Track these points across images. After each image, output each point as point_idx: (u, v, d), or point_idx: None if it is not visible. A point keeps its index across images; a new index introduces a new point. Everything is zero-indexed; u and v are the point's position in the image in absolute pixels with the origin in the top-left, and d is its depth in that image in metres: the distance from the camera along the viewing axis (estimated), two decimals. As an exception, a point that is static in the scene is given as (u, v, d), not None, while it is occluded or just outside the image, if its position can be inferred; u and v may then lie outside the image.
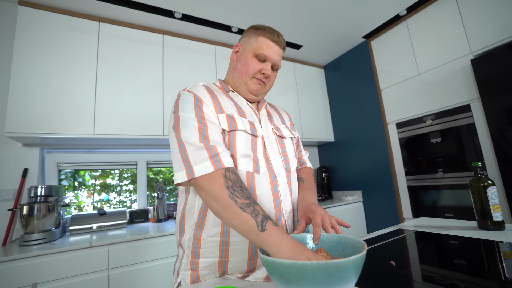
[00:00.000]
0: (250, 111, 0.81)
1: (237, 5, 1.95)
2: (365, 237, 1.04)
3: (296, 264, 0.41)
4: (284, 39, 0.83)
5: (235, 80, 0.83)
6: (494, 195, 0.94)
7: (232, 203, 0.57)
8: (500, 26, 1.64)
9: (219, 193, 0.59)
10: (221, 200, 0.58)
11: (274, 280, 0.45)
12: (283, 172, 0.78)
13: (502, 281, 0.58)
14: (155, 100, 1.99)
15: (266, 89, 0.84)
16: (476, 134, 1.72)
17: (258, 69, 0.79)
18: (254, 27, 0.82)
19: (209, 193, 0.60)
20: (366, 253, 0.44)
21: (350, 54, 2.77)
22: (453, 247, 0.83)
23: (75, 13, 1.83)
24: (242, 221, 0.56)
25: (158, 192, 2.09)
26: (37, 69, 1.64)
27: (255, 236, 0.54)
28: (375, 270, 0.69)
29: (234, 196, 0.58)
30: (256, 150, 0.74)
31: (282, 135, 0.86)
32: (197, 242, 0.71)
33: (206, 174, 0.61)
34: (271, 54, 0.79)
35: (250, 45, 0.80)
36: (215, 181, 0.60)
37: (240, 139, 0.72)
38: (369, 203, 2.54)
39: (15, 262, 1.24)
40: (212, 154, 0.63)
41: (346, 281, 0.41)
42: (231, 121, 0.72)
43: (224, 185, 0.59)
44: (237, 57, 0.83)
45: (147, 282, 1.51)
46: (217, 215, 0.62)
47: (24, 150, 1.79)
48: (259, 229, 0.54)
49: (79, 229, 1.74)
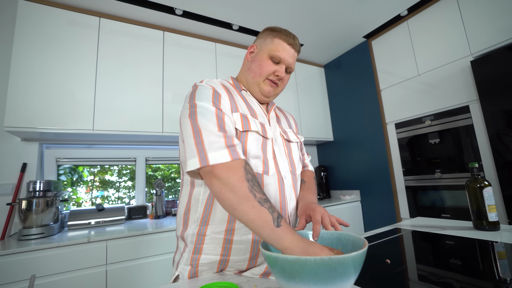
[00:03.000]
0: (261, 112, 0.81)
1: (238, 3, 1.95)
2: (362, 236, 1.05)
3: (299, 259, 0.41)
4: (299, 43, 0.82)
5: (248, 80, 0.83)
6: (490, 196, 0.95)
7: (251, 196, 0.55)
8: (500, 28, 1.64)
9: (239, 184, 0.56)
10: (240, 191, 0.55)
11: (276, 276, 0.45)
12: (289, 175, 0.79)
13: (496, 280, 0.58)
14: (154, 96, 1.99)
15: (277, 91, 0.84)
16: (475, 135, 1.73)
17: (272, 70, 0.79)
18: (270, 29, 0.82)
19: (227, 184, 0.56)
20: (367, 250, 0.45)
21: (351, 53, 2.77)
22: (448, 247, 0.84)
23: (75, 8, 1.82)
24: (259, 215, 0.54)
25: (157, 189, 2.10)
26: (37, 64, 1.64)
27: (269, 231, 0.53)
28: (370, 267, 0.70)
29: (254, 189, 0.56)
30: (266, 152, 0.74)
31: (289, 139, 0.86)
32: (201, 238, 0.70)
33: (225, 163, 0.57)
34: (286, 56, 0.79)
35: (266, 47, 0.80)
36: (235, 172, 0.57)
37: (251, 140, 0.71)
38: (367, 202, 2.55)
39: (13, 256, 1.25)
40: (229, 144, 0.60)
41: (348, 277, 0.42)
42: (245, 121, 0.72)
43: (245, 177, 0.57)
44: (252, 58, 0.83)
45: (144, 277, 1.51)
46: (228, 208, 0.58)
47: (23, 144, 1.79)
48: (275, 225, 0.53)
49: (78, 225, 1.74)
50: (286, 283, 0.44)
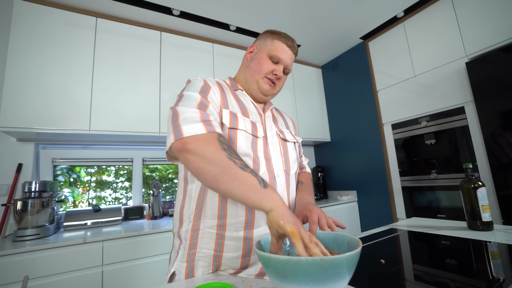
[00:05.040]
0: (255, 111, 0.83)
1: (235, 3, 1.95)
2: (358, 236, 1.05)
3: (291, 260, 0.41)
4: (297, 46, 0.86)
5: (247, 78, 0.85)
6: (483, 196, 0.96)
7: (232, 164, 0.55)
8: (495, 30, 1.66)
9: (216, 154, 0.55)
10: (219, 161, 0.54)
11: (270, 275, 0.45)
12: (282, 174, 0.79)
13: (490, 280, 0.59)
14: (152, 97, 1.99)
15: (275, 91, 0.86)
16: (470, 136, 1.75)
17: (271, 69, 0.82)
18: (270, 31, 0.86)
19: (203, 157, 0.55)
20: (360, 251, 0.45)
21: (348, 54, 2.78)
22: (443, 247, 0.84)
23: (72, 8, 1.81)
24: (244, 181, 0.54)
25: (154, 189, 2.09)
26: (33, 64, 1.63)
27: (258, 193, 0.53)
28: (366, 267, 0.70)
29: (232, 157, 0.56)
30: (256, 150, 0.75)
31: (286, 138, 0.87)
32: (195, 233, 0.71)
33: (197, 136, 0.56)
34: (285, 57, 0.82)
35: (265, 47, 0.83)
36: (209, 143, 0.56)
37: (241, 138, 0.73)
38: (364, 203, 2.56)
39: (8, 257, 1.24)
40: (205, 119, 0.61)
41: (340, 277, 0.42)
42: (234, 118, 0.73)
43: (221, 147, 0.57)
44: (252, 57, 0.86)
45: (141, 278, 1.51)
46: (211, 180, 0.56)
47: (19, 145, 1.78)
48: (262, 186, 0.54)
49: (74, 225, 1.73)
50: (280, 283, 0.44)
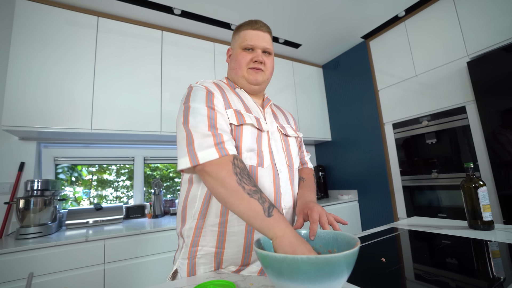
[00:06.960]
0: (255, 108, 0.83)
1: (236, 3, 1.95)
2: (359, 235, 1.06)
3: (287, 258, 0.42)
4: (264, 23, 0.85)
5: (234, 78, 0.86)
6: (484, 196, 0.96)
7: (240, 189, 0.58)
8: (497, 30, 1.66)
9: (227, 179, 0.59)
10: (229, 185, 0.58)
11: (268, 274, 0.46)
12: (285, 168, 0.80)
13: (490, 279, 0.59)
14: (153, 96, 1.99)
15: (266, 76, 0.85)
16: (471, 135, 1.75)
17: (249, 58, 0.81)
18: (236, 27, 0.87)
19: (216, 179, 0.60)
20: (358, 250, 0.45)
21: (349, 54, 2.78)
22: (444, 246, 0.85)
23: (73, 7, 1.82)
24: (249, 207, 0.56)
25: (155, 188, 2.10)
26: (35, 63, 1.64)
27: (261, 222, 0.55)
28: (366, 266, 0.70)
29: (242, 182, 0.59)
30: (261, 145, 0.76)
31: (287, 133, 0.88)
32: (198, 231, 0.72)
33: (214, 160, 0.61)
34: (255, 41, 0.81)
35: (236, 43, 0.84)
36: (223, 167, 0.60)
37: (246, 134, 0.73)
38: (364, 202, 2.56)
39: (11, 255, 1.25)
40: (217, 142, 0.63)
41: (337, 276, 0.42)
42: (239, 116, 0.74)
43: (233, 172, 0.60)
44: (230, 59, 0.88)
45: (142, 276, 1.52)
46: (222, 201, 0.61)
47: (21, 143, 1.79)
48: (266, 215, 0.55)
49: (75, 224, 1.74)
50: (277, 281, 0.44)
